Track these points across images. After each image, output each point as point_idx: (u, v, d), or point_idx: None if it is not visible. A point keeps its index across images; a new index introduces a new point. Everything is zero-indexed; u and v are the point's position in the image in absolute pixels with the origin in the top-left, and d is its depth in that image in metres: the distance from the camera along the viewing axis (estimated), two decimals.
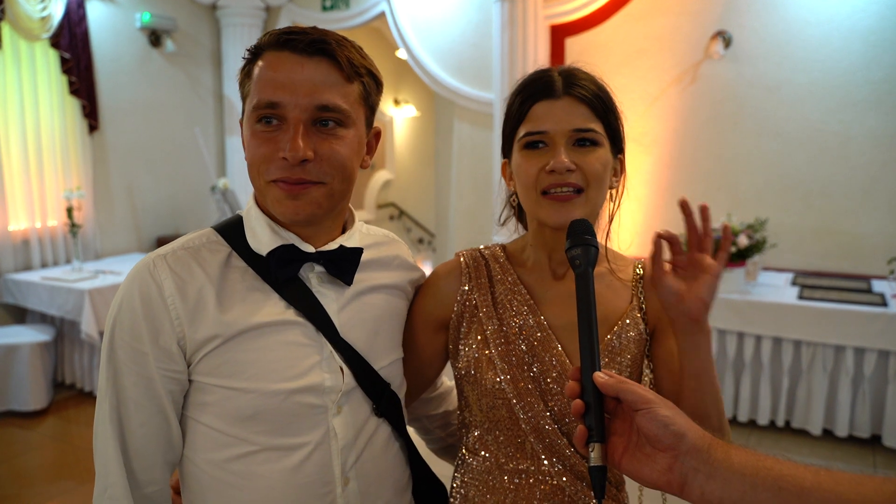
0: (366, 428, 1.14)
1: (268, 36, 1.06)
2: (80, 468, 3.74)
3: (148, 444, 1.05)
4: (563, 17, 5.22)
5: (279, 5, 6.43)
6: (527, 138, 1.13)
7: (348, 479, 1.10)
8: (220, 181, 5.77)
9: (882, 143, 4.47)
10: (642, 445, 0.80)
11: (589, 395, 0.81)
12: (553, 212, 1.11)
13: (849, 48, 4.49)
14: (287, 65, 1.03)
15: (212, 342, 1.04)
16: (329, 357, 1.10)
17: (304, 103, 1.02)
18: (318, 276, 1.13)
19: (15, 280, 4.82)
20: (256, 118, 1.04)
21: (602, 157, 1.12)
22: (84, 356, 4.69)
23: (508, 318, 1.19)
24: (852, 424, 3.88)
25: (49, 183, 5.22)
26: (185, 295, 1.04)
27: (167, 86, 6.16)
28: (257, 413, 1.05)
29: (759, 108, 4.79)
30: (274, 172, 1.04)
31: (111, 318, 1.06)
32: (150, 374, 1.04)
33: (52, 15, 5.03)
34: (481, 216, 5.78)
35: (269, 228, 1.10)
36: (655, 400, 0.79)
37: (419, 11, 5.83)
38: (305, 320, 1.09)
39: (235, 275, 1.09)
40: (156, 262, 1.06)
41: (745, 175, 4.88)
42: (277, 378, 1.05)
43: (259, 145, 1.04)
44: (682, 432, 0.77)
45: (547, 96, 1.12)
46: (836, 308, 3.81)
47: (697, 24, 4.90)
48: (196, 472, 1.09)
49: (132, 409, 1.04)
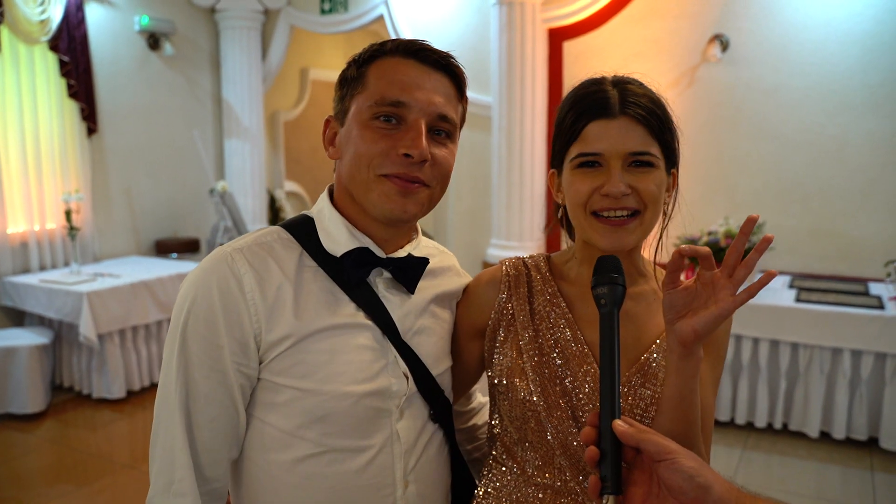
0: (424, 433, 1.15)
1: (391, 43, 1.09)
2: (79, 471, 3.74)
3: (216, 438, 1.05)
4: (561, 20, 5.24)
5: (278, 8, 6.44)
6: (580, 159, 1.08)
7: (408, 483, 1.12)
8: (218, 184, 5.78)
9: (879, 147, 4.48)
10: (665, 498, 0.76)
11: (606, 443, 0.77)
12: (605, 236, 1.07)
13: (846, 52, 4.50)
14: (414, 71, 1.07)
15: (285, 341, 1.04)
16: (394, 362, 1.11)
17: (429, 109, 1.06)
18: (385, 281, 1.14)
19: (13, 283, 4.82)
20: (375, 114, 1.05)
21: (657, 178, 1.09)
22: (82, 359, 4.69)
23: (545, 329, 1.16)
24: (849, 427, 3.89)
25: (48, 186, 5.22)
26: (265, 292, 1.04)
27: (166, 89, 6.16)
28: (327, 415, 1.05)
29: (757, 112, 4.80)
30: (389, 167, 1.05)
31: (183, 309, 1.03)
32: (225, 368, 1.03)
33: (51, 18, 5.04)
34: (480, 218, 5.79)
35: (347, 230, 1.11)
36: (678, 450, 0.76)
37: (418, 15, 5.84)
38: (373, 324, 1.10)
39: (308, 274, 1.09)
40: (234, 255, 1.05)
41: (742, 178, 4.89)
42: (348, 381, 1.06)
43: (377, 140, 1.05)
44: (708, 485, 0.74)
45: (602, 115, 1.07)
46: (833, 311, 3.82)
47: (695, 28, 4.92)
48: (255, 471, 1.09)
49: (202, 402, 1.03)
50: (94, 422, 4.40)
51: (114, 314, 4.55)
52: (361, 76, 1.09)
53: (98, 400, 4.63)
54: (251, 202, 6.53)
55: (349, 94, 1.10)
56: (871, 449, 3.83)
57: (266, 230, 1.13)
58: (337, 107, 1.13)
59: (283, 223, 1.16)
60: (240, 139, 6.53)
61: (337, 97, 1.13)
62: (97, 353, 4.57)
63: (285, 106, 7.54)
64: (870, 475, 3.58)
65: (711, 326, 0.91)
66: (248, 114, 6.49)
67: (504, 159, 5.22)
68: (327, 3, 6.31)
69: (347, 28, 6.27)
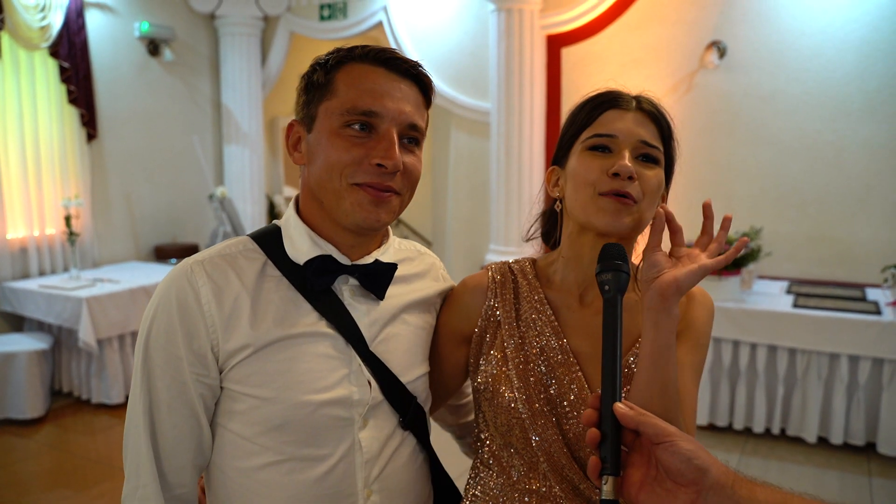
0: (391, 441, 1.14)
1: (360, 49, 1.09)
2: (78, 476, 3.74)
3: (179, 446, 1.07)
4: (560, 27, 5.26)
5: (277, 15, 6.47)
6: (594, 140, 1.12)
7: (371, 492, 1.11)
8: (217, 189, 5.79)
9: (876, 153, 4.50)
10: (662, 480, 0.77)
11: (607, 425, 0.79)
12: (608, 212, 1.09)
13: (842, 58, 4.53)
14: (384, 80, 1.07)
15: (243, 351, 1.06)
16: (357, 370, 1.11)
17: (400, 118, 1.07)
18: (351, 289, 1.14)
19: (13, 288, 4.82)
20: (346, 122, 1.06)
21: (659, 176, 1.13)
22: (81, 364, 4.69)
23: (531, 337, 1.17)
24: (847, 432, 3.89)
25: (47, 191, 5.23)
26: (222, 303, 1.06)
27: (165, 95, 6.18)
28: (285, 423, 1.05)
29: (754, 118, 4.82)
30: (362, 176, 1.05)
31: (147, 320, 1.07)
32: (184, 378, 1.05)
33: (52, 24, 5.06)
34: (478, 224, 5.80)
35: (309, 238, 1.12)
36: (677, 433, 0.77)
37: (416, 21, 5.87)
38: (336, 332, 1.10)
39: (270, 284, 1.10)
40: (193, 267, 1.07)
41: (740, 184, 4.91)
42: (306, 389, 1.06)
43: (349, 148, 1.05)
44: (705, 467, 0.75)
45: (618, 106, 1.13)
46: (830, 316, 3.83)
47: (692, 35, 4.94)
48: (223, 478, 1.11)
49: (165, 411, 1.06)
50: (94, 427, 4.40)
51: (113, 320, 4.55)
52: (329, 82, 1.08)
53: (97, 405, 4.63)
54: (250, 207, 6.54)
55: (316, 100, 1.09)
56: (868, 454, 3.84)
57: (234, 241, 1.15)
58: (302, 111, 1.12)
59: (252, 233, 1.17)
60: (239, 145, 6.54)
61: (302, 101, 1.12)
62: (96, 358, 4.57)
63: (284, 112, 7.57)
64: (867, 480, 3.58)
65: (692, 280, 0.97)
66: (247, 119, 6.51)
67: (503, 165, 5.24)
68: (326, 10, 6.34)
69: (346, 34, 6.29)
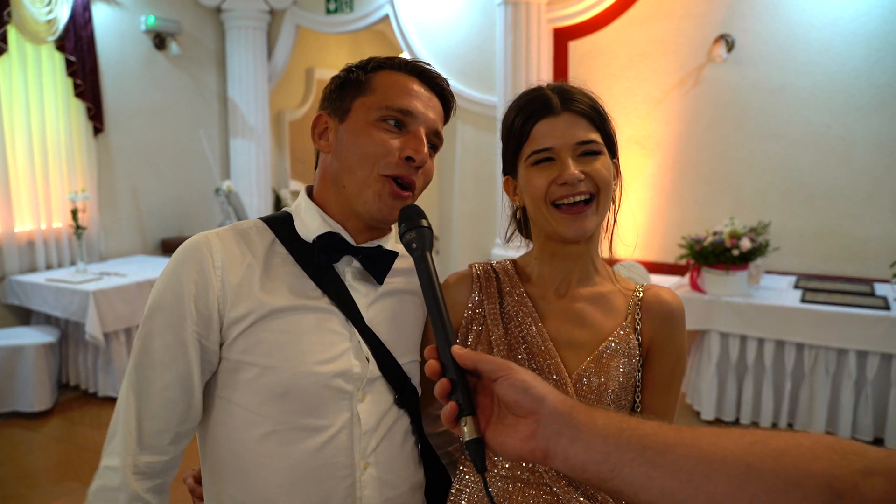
0: (387, 417, 1.19)
1: (399, 60, 1.21)
2: (85, 469, 3.75)
3: (165, 407, 1.11)
4: (567, 20, 5.24)
5: (283, 8, 6.45)
6: (534, 157, 1.16)
7: (368, 464, 1.15)
8: (224, 183, 5.79)
9: (885, 147, 4.47)
10: (504, 416, 0.78)
11: (451, 372, 0.81)
12: (567, 225, 1.14)
13: (852, 52, 4.49)
14: (418, 87, 1.19)
15: (246, 319, 1.10)
16: (357, 346, 1.16)
17: (428, 122, 1.18)
18: (353, 271, 1.20)
19: (20, 281, 4.84)
20: (383, 116, 1.15)
21: (606, 163, 1.17)
22: (88, 357, 4.71)
23: (514, 327, 1.21)
24: (855, 427, 3.88)
25: (54, 185, 5.25)
26: (234, 268, 1.12)
27: (172, 88, 6.18)
28: (288, 392, 1.10)
29: (762, 112, 4.79)
30: (392, 168, 1.13)
31: (160, 282, 1.13)
32: (185, 338, 1.09)
33: (58, 18, 5.06)
34: (485, 219, 5.79)
35: (320, 217, 1.19)
36: (513, 366, 0.78)
37: (423, 15, 5.85)
38: (337, 309, 1.16)
39: (277, 259, 1.17)
40: (209, 236, 1.15)
41: (748, 178, 4.88)
42: (311, 360, 1.11)
43: (385, 140, 1.14)
44: (541, 395, 0.75)
45: (547, 114, 1.16)
46: (838, 311, 3.81)
47: (700, 28, 4.91)
48: (221, 452, 1.14)
49: (158, 370, 1.10)
50: (100, 420, 4.42)
51: (120, 313, 4.57)
52: (368, 81, 1.18)
53: (104, 398, 4.65)
54: (256, 201, 6.55)
55: (351, 95, 1.18)
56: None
57: (245, 221, 1.23)
58: (334, 104, 1.20)
59: (263, 217, 1.24)
60: (245, 139, 6.55)
61: (335, 96, 1.21)
62: (103, 351, 4.59)
63: (291, 105, 7.56)
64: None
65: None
66: (253, 113, 6.51)
67: None
68: (333, 3, 6.32)
69: (353, 28, 6.28)
